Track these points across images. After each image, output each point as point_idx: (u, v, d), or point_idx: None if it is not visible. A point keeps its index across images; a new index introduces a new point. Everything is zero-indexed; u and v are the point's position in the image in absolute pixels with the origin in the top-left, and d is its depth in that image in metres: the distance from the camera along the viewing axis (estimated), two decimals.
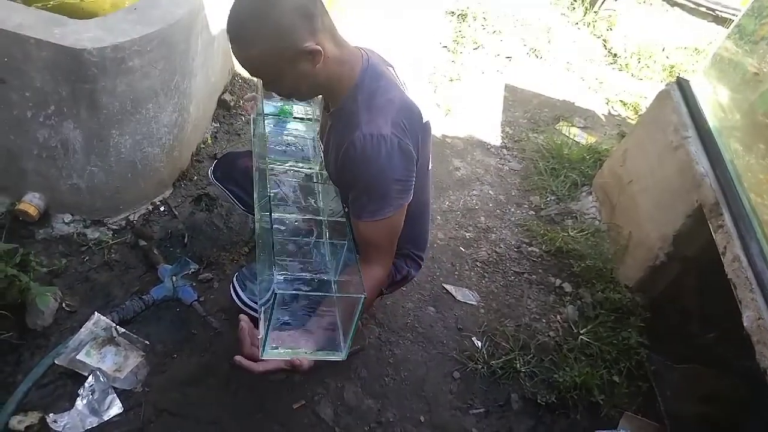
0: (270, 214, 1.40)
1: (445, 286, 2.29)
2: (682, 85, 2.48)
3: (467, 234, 2.55)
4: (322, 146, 1.57)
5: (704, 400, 1.98)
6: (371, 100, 1.31)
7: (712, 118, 2.27)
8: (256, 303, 1.45)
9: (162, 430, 1.59)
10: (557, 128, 3.33)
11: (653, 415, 1.98)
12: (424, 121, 1.41)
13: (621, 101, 3.78)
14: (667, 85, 2.57)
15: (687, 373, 2.06)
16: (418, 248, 1.69)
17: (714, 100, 2.34)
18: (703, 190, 2.02)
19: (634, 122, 3.52)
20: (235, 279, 1.55)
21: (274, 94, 1.59)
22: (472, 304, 2.26)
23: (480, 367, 2.02)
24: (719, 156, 2.10)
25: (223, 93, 2.76)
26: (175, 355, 1.80)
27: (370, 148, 1.26)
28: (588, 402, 1.96)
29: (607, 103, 3.74)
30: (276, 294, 1.13)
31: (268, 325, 1.15)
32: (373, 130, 1.26)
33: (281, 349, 1.25)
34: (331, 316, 1.34)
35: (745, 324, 1.65)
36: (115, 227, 2.10)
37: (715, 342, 2.14)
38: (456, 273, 2.37)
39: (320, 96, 1.50)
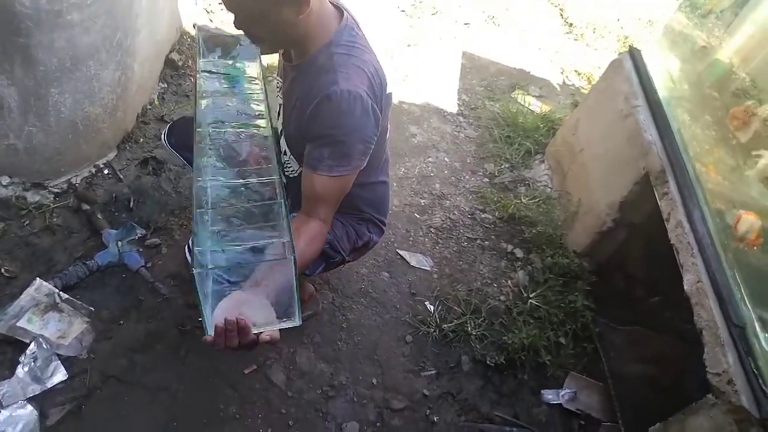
0: (196, 185, 1.31)
1: (399, 251, 2.30)
2: (634, 55, 2.51)
3: (422, 201, 2.56)
4: (280, 99, 1.53)
5: (645, 360, 2.07)
6: (348, 58, 1.30)
7: (661, 88, 2.31)
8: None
9: (109, 397, 1.56)
10: (513, 96, 3.35)
11: (597, 375, 2.06)
12: (387, 92, 1.41)
13: (576, 71, 3.82)
14: (619, 54, 2.60)
15: (630, 335, 2.14)
16: (380, 213, 1.69)
17: (664, 70, 2.39)
18: (650, 158, 2.07)
19: (587, 92, 3.56)
20: (190, 241, 1.51)
21: (215, 55, 1.55)
22: (425, 270, 2.28)
23: (432, 330, 2.05)
24: (667, 125, 2.15)
25: (170, 52, 2.65)
26: (122, 322, 1.75)
27: (346, 104, 1.25)
28: (535, 363, 2.02)
29: (562, 73, 3.77)
30: (193, 274, 1.07)
31: (201, 305, 1.09)
32: (351, 87, 1.25)
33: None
34: (277, 282, 1.31)
35: (685, 287, 1.72)
36: (56, 190, 2.01)
37: (658, 306, 2.22)
38: (410, 239, 2.39)
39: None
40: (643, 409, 1.91)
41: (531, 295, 2.22)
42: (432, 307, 2.14)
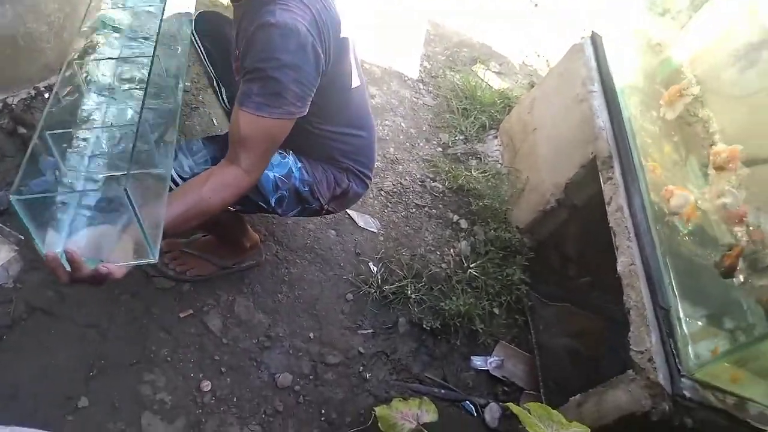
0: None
1: (348, 211, 2.29)
2: (596, 41, 2.56)
3: (375, 163, 2.54)
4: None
5: (571, 335, 2.17)
6: None
7: (618, 76, 2.37)
8: (182, 178, 1.37)
9: (34, 329, 1.50)
10: (473, 70, 3.35)
11: (525, 346, 2.14)
12: (342, 36, 1.35)
13: (536, 52, 3.86)
14: (581, 38, 2.64)
15: (559, 310, 2.24)
16: (362, 165, 1.67)
17: (622, 59, 2.45)
18: (599, 143, 2.13)
19: (543, 74, 3.61)
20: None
21: None
22: (372, 231, 2.29)
23: (373, 291, 2.07)
24: (619, 113, 2.21)
25: None
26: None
27: (279, 37, 1.18)
28: (469, 330, 2.08)
29: (521, 52, 3.80)
30: (11, 202, 0.98)
31: (30, 232, 1.02)
32: (288, 19, 1.18)
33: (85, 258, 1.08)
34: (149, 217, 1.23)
35: (618, 268, 1.80)
36: None
37: (587, 286, 2.33)
38: (360, 200, 2.38)
39: None
40: (564, 381, 2.02)
41: (471, 265, 2.27)
42: (375, 269, 2.16)
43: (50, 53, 1.97)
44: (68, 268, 1.01)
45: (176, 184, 1.35)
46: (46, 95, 2.03)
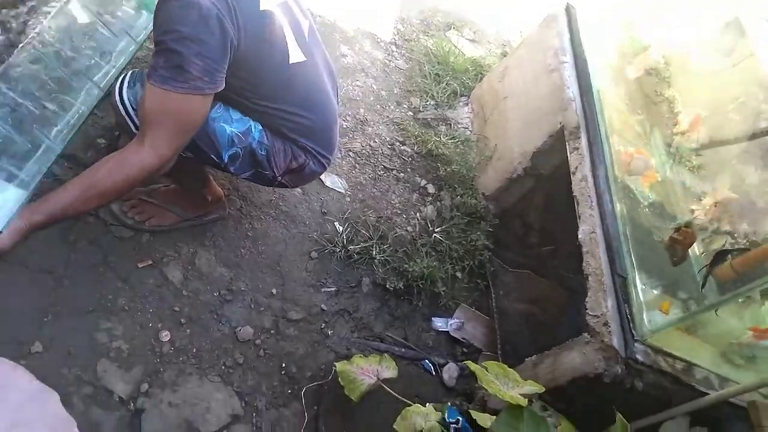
0: None
1: None
2: (570, 11, 2.56)
3: (345, 123, 2.51)
4: None
5: (530, 301, 2.22)
6: None
7: (589, 49, 2.39)
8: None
9: None
10: (447, 36, 3.33)
11: (485, 310, 2.19)
12: (261, 9, 1.33)
13: (510, 22, 3.85)
14: (555, 9, 2.64)
15: (520, 276, 2.28)
16: (320, 146, 1.61)
17: (595, 32, 2.46)
18: (568, 113, 2.15)
19: (516, 44, 3.61)
20: (128, 76, 1.39)
21: None
22: (339, 191, 2.27)
23: (338, 250, 2.06)
24: (589, 85, 2.23)
25: None
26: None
27: (179, 8, 1.17)
28: (431, 292, 2.10)
29: (496, 21, 3.78)
30: None
31: None
32: None
33: None
34: None
35: (579, 236, 1.84)
36: None
37: (548, 254, 2.38)
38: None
39: None
40: (521, 344, 2.07)
41: (436, 230, 2.28)
42: (341, 228, 2.15)
43: None
44: None
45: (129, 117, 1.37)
46: None
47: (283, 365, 1.72)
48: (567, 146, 2.10)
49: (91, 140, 1.82)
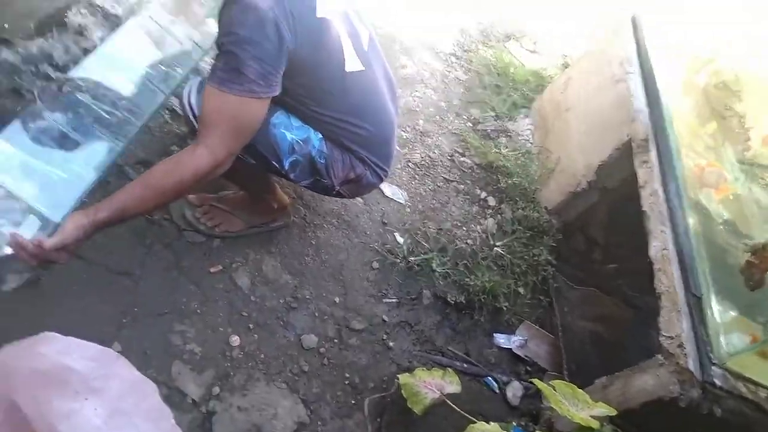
0: None
1: None
2: (636, 22, 2.50)
3: (404, 134, 2.52)
4: None
5: (596, 319, 2.16)
6: None
7: (656, 59, 2.32)
8: None
9: (65, 273, 1.49)
10: (507, 47, 3.30)
11: (549, 328, 2.14)
12: (318, 16, 1.35)
13: (571, 33, 3.79)
14: (621, 19, 2.58)
15: (585, 294, 2.22)
16: (377, 158, 1.61)
17: (663, 42, 2.40)
18: (636, 125, 2.09)
19: (577, 55, 3.55)
20: (197, 82, 1.45)
21: None
22: (399, 202, 2.27)
23: (399, 261, 2.06)
24: (657, 96, 2.16)
25: None
26: (86, 199, 1.66)
27: (239, 12, 1.20)
28: (493, 307, 2.07)
29: (556, 32, 3.73)
30: None
31: None
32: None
33: None
34: None
35: (650, 253, 1.78)
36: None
37: (613, 271, 2.31)
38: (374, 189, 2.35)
39: None
40: (587, 364, 2.01)
41: (497, 243, 2.25)
42: (401, 239, 2.14)
43: None
44: None
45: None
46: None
47: (347, 375, 1.72)
48: (635, 159, 2.04)
49: (165, 147, 1.88)
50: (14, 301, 1.43)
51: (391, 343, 1.86)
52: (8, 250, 1.50)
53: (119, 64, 1.73)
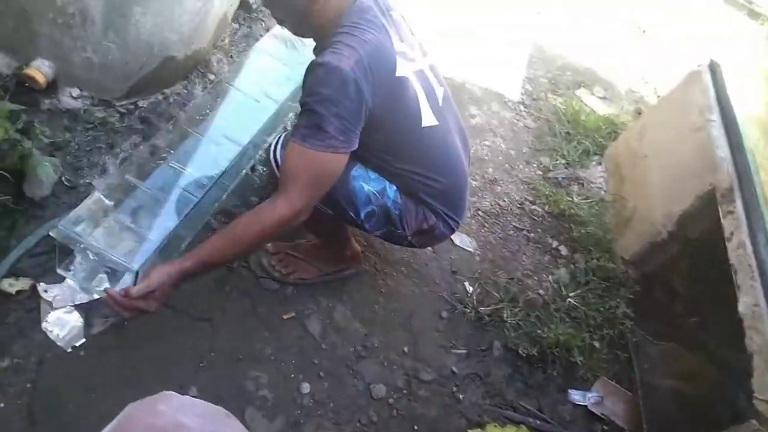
0: None
1: None
2: (714, 69, 2.43)
3: (474, 182, 2.53)
4: None
5: (679, 377, 2.03)
6: (346, 37, 1.31)
7: (738, 105, 2.24)
8: None
9: (152, 318, 1.56)
10: (577, 94, 3.28)
11: (626, 385, 2.03)
12: (397, 75, 1.39)
13: (643, 79, 3.73)
14: (698, 66, 2.52)
15: (666, 349, 2.10)
16: (450, 210, 1.63)
17: (743, 89, 2.31)
18: (719, 174, 2.01)
19: (650, 101, 3.48)
20: (282, 138, 1.54)
21: None
22: (468, 251, 2.26)
23: (468, 311, 2.03)
24: (740, 144, 2.08)
25: None
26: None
27: (323, 73, 1.26)
28: (567, 361, 1.99)
29: (627, 78, 3.68)
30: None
31: None
32: (334, 60, 1.26)
33: None
34: None
35: (740, 309, 1.67)
36: (122, 110, 2.02)
37: (696, 325, 2.18)
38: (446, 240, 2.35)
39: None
40: (669, 424, 1.89)
41: (570, 294, 2.18)
42: (471, 288, 2.12)
43: (179, 61, 2.10)
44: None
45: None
46: (171, 100, 2.17)
47: (416, 427, 1.69)
48: (720, 209, 1.95)
49: (245, 198, 1.98)
50: (99, 344, 1.52)
51: (460, 396, 1.82)
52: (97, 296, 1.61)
53: (225, 135, 1.87)
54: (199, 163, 1.78)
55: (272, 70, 2.16)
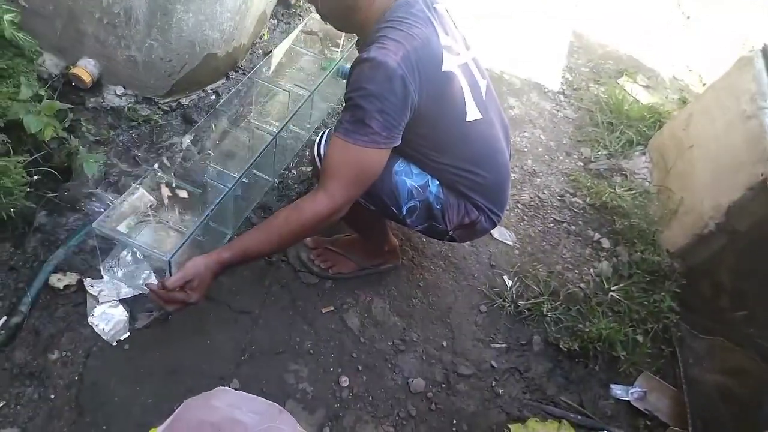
0: None
1: None
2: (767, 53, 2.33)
3: (513, 174, 2.48)
4: None
5: (725, 373, 1.97)
6: (392, 31, 1.30)
7: None
8: None
9: (194, 311, 1.61)
10: (619, 83, 3.19)
11: (671, 380, 1.98)
12: (443, 70, 1.37)
13: (687, 67, 3.60)
14: (750, 51, 2.41)
15: (712, 344, 2.04)
16: (491, 204, 1.62)
17: None
18: None
19: (696, 90, 3.36)
20: (326, 133, 1.55)
21: None
22: (507, 244, 2.23)
23: (507, 305, 2.01)
24: None
25: None
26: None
27: (369, 69, 1.26)
28: (609, 356, 1.95)
29: (672, 66, 3.56)
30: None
31: None
32: (380, 55, 1.25)
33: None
34: None
35: None
36: (165, 108, 2.07)
37: (743, 320, 2.11)
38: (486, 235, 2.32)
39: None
40: (715, 421, 1.83)
41: (613, 288, 2.14)
42: (510, 282, 2.10)
43: (219, 58, 2.14)
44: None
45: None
46: (213, 97, 2.20)
47: (454, 421, 1.69)
48: None
49: (288, 194, 2.00)
50: (143, 338, 1.57)
51: (500, 390, 1.81)
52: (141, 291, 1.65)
53: (257, 127, 1.90)
54: (233, 157, 1.80)
55: (304, 62, 2.18)
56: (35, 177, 1.67)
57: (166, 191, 1.69)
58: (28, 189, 1.61)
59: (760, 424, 1.58)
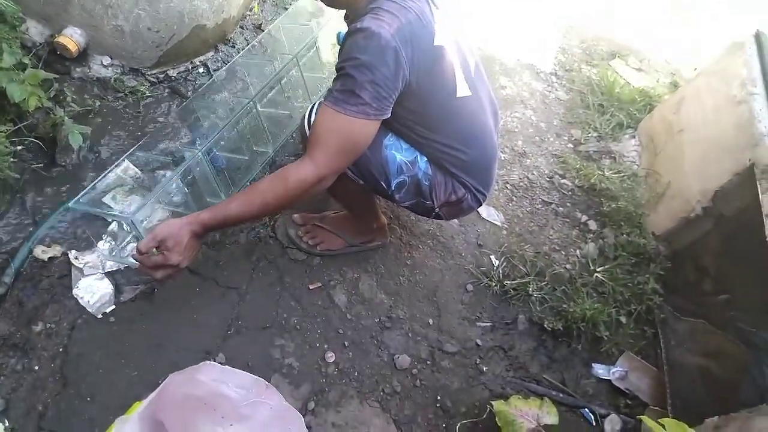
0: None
1: None
2: (760, 39, 2.32)
3: (502, 155, 2.49)
4: None
5: (705, 354, 2.00)
6: (386, 3, 1.29)
7: None
8: None
9: (181, 285, 1.61)
10: (611, 65, 3.18)
11: (652, 361, 2.01)
12: (435, 44, 1.36)
13: (680, 50, 3.58)
14: (742, 36, 2.41)
15: (694, 326, 2.07)
16: (476, 180, 1.62)
17: None
18: (759, 149, 1.94)
19: (687, 74, 3.35)
20: (317, 103, 1.52)
21: None
22: (495, 224, 2.24)
23: (494, 284, 2.03)
24: None
25: None
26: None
27: (362, 39, 1.24)
28: (592, 336, 1.98)
29: (664, 49, 3.55)
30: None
31: None
32: (374, 26, 1.23)
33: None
34: None
35: None
36: (152, 79, 2.04)
37: (724, 304, 2.14)
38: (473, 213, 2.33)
39: None
40: (695, 402, 1.87)
41: (598, 269, 2.16)
42: (497, 262, 2.11)
43: (208, 29, 2.10)
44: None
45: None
46: (201, 69, 2.17)
47: (438, 398, 1.71)
48: (759, 186, 1.89)
49: (280, 164, 1.98)
50: (129, 311, 1.56)
51: (484, 368, 1.83)
52: (131, 260, 1.64)
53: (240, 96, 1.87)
54: (216, 126, 1.78)
55: (293, 34, 2.14)
56: (19, 147, 1.65)
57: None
58: (12, 159, 1.59)
59: (740, 403, 1.61)
